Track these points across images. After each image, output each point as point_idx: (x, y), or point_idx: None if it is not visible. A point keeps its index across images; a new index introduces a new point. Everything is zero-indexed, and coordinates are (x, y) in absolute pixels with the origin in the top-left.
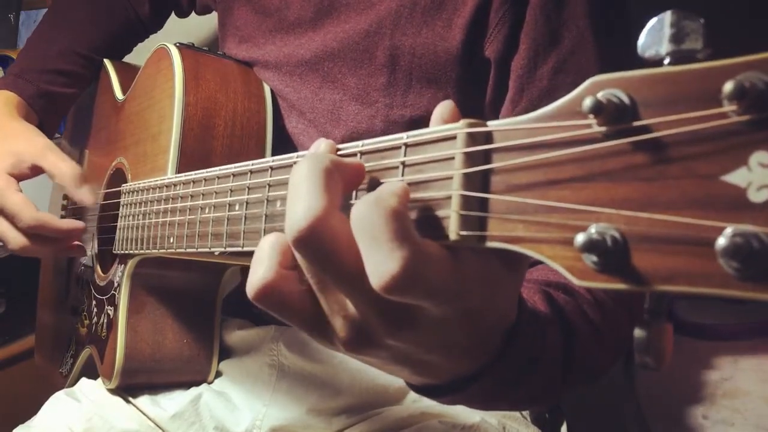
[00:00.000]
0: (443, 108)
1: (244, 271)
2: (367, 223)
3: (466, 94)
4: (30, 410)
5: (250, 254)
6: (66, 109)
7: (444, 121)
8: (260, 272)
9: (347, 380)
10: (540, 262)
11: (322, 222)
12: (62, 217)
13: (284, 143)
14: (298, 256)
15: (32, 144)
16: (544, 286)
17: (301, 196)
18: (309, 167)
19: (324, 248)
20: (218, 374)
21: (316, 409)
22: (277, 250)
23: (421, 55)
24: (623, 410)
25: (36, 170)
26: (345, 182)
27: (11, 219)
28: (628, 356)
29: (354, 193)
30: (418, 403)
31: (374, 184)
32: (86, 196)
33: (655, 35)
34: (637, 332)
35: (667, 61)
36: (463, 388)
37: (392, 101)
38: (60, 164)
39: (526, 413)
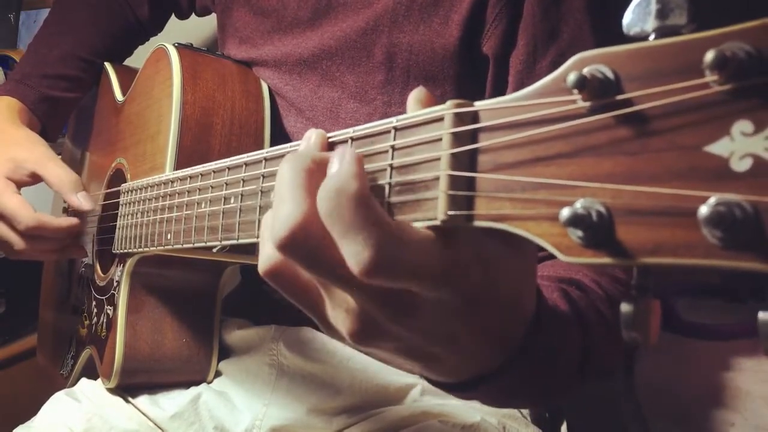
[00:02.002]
0: (418, 93)
1: (244, 270)
2: (337, 217)
3: (464, 91)
4: (30, 410)
5: (248, 252)
6: (68, 113)
7: (422, 105)
8: (268, 249)
9: (347, 380)
10: (547, 258)
11: (303, 227)
12: None
13: (283, 142)
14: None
15: (32, 152)
16: (558, 283)
17: (284, 201)
18: (290, 170)
19: (308, 252)
20: (218, 374)
21: (316, 408)
22: None
23: (419, 53)
24: (623, 410)
25: (36, 178)
26: None
27: (9, 222)
28: (626, 354)
29: None
30: (418, 402)
31: None
32: (84, 203)
33: (640, 12)
34: (624, 307)
35: (652, 37)
36: (480, 385)
37: (390, 99)
38: (59, 173)
39: (526, 413)
